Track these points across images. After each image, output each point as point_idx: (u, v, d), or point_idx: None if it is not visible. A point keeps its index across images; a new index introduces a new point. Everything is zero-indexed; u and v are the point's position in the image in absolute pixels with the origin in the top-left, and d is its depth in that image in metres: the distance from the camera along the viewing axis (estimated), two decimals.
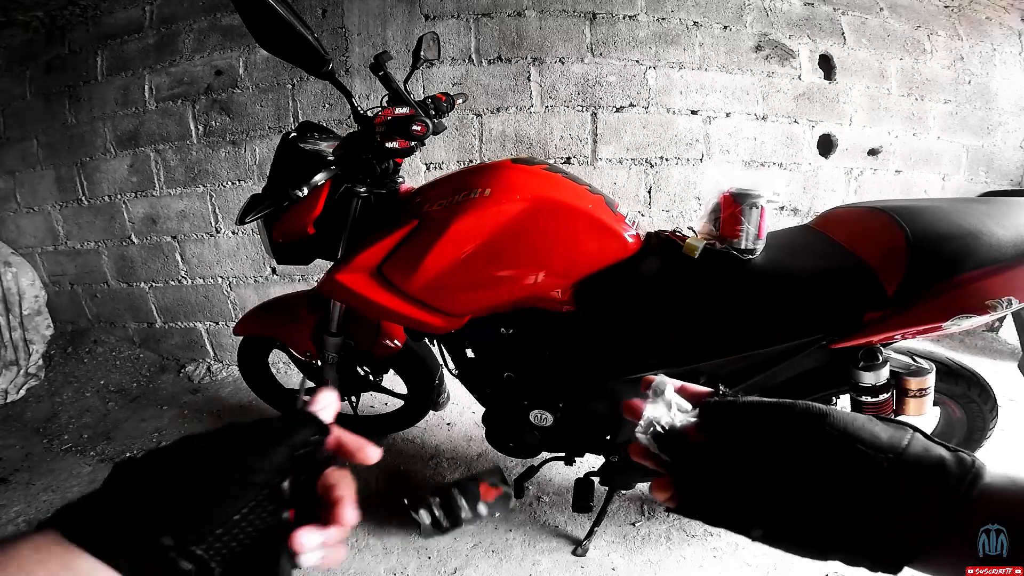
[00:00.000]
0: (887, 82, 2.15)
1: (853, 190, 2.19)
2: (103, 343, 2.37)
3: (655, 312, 0.97)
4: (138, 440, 1.75)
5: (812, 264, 0.94)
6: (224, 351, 2.27)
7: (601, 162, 1.98)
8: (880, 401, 0.95)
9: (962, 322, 0.84)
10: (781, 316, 0.93)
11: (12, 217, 2.38)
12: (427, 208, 0.98)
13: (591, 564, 1.19)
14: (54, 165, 2.24)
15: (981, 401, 1.08)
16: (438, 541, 1.26)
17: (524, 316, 1.05)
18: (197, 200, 2.10)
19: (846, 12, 2.11)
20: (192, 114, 2.05)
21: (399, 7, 1.92)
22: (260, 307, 1.44)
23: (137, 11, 2.08)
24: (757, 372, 0.99)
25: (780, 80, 2.03)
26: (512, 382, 1.13)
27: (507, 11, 1.91)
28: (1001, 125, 2.34)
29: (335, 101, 1.96)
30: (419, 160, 1.99)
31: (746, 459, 0.29)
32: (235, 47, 2.00)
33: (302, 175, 0.97)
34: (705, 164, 2.02)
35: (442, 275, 0.96)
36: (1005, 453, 1.48)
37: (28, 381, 2.15)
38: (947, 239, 0.83)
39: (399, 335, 1.34)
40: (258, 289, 2.16)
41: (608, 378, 1.04)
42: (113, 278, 2.30)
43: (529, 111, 1.94)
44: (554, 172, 1.00)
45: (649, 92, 1.95)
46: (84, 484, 1.53)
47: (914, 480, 0.26)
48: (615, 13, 1.92)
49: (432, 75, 1.93)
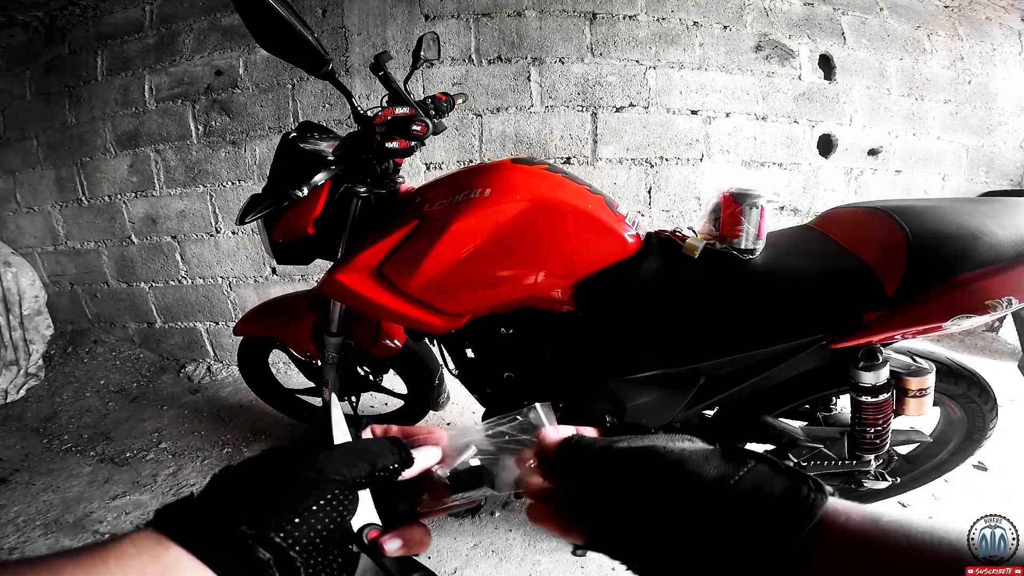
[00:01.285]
0: (887, 82, 2.15)
1: (853, 190, 2.19)
2: (103, 343, 2.37)
3: (655, 312, 0.97)
4: (138, 440, 1.75)
5: (812, 264, 0.94)
6: (224, 351, 2.27)
7: (601, 162, 1.98)
8: (880, 401, 0.95)
9: (962, 322, 0.84)
10: (781, 316, 0.93)
11: (12, 217, 2.38)
12: (427, 208, 0.98)
13: (591, 564, 1.19)
14: (54, 165, 2.24)
15: (981, 401, 1.07)
16: (438, 541, 1.26)
17: (524, 316, 1.05)
18: (197, 200, 2.10)
19: (846, 12, 2.11)
20: (192, 114, 2.05)
21: (399, 7, 1.92)
22: (260, 307, 1.44)
23: (137, 11, 2.08)
24: (757, 372, 0.99)
25: (780, 80, 2.03)
26: (512, 382, 1.13)
27: (507, 11, 1.91)
28: (1001, 125, 2.34)
29: (335, 101, 1.96)
30: (419, 160, 1.99)
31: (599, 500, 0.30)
32: (235, 47, 2.00)
33: (302, 175, 0.97)
34: (705, 164, 2.02)
35: (442, 275, 0.96)
36: (1005, 453, 1.48)
37: (28, 381, 2.15)
38: (947, 239, 0.83)
39: (399, 335, 1.34)
40: (258, 289, 2.16)
41: (608, 378, 1.04)
42: (113, 278, 2.30)
43: (529, 111, 1.94)
44: (554, 172, 1.00)
45: (649, 92, 1.95)
46: (84, 484, 1.53)
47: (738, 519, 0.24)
48: (615, 13, 1.92)
49: (432, 75, 1.93)
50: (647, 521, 0.27)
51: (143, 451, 1.68)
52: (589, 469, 0.31)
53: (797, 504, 0.23)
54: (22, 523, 1.38)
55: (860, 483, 1.09)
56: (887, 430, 0.99)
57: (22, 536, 1.33)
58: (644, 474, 0.29)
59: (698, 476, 0.27)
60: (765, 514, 0.24)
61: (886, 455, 1.05)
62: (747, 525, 0.24)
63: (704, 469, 0.27)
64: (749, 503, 0.25)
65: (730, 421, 1.11)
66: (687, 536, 0.26)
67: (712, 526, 0.25)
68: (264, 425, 1.79)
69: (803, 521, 0.23)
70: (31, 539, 1.32)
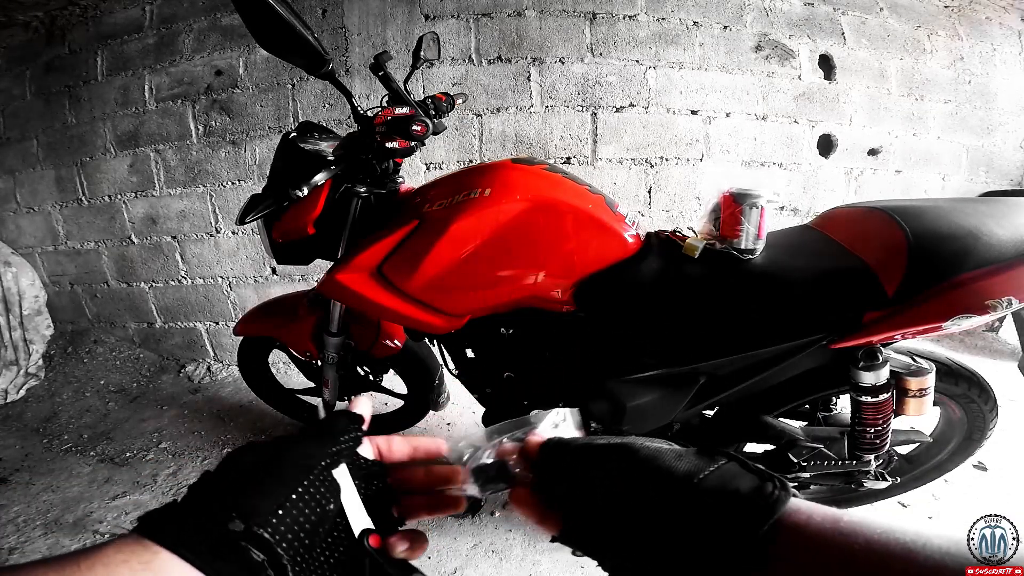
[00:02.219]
0: (887, 82, 2.15)
1: (853, 190, 2.19)
2: (103, 343, 2.37)
3: (655, 312, 0.97)
4: (138, 440, 1.75)
5: (812, 264, 0.94)
6: (224, 351, 2.27)
7: (601, 162, 1.98)
8: (880, 401, 0.95)
9: (962, 322, 0.84)
10: (781, 316, 0.93)
11: (12, 217, 2.38)
12: (427, 208, 0.98)
13: (591, 564, 1.19)
14: (54, 165, 2.24)
15: (981, 401, 1.07)
16: (438, 541, 1.26)
17: (524, 316, 1.05)
18: (197, 200, 2.10)
19: (846, 12, 2.11)
20: (192, 114, 2.05)
21: (399, 7, 1.92)
22: (260, 307, 1.44)
23: (137, 11, 2.08)
24: (757, 372, 0.99)
25: (780, 80, 2.03)
26: (512, 382, 1.13)
27: (507, 11, 1.91)
28: (1001, 125, 2.34)
29: (335, 101, 1.96)
30: (419, 160, 1.99)
31: (589, 496, 0.31)
32: (235, 47, 2.00)
33: (302, 175, 0.97)
34: (705, 164, 2.02)
35: (442, 275, 0.96)
36: (1005, 453, 1.48)
37: (28, 381, 2.15)
38: (947, 239, 0.83)
39: (399, 335, 1.34)
40: (258, 289, 2.16)
41: (608, 378, 1.04)
42: (113, 278, 2.30)
43: (529, 111, 1.94)
44: (554, 172, 1.00)
45: (649, 92, 1.95)
46: (84, 484, 1.53)
47: (702, 513, 0.25)
48: (615, 13, 1.92)
49: (432, 75, 1.93)
50: (619, 512, 0.28)
51: (143, 451, 1.69)
52: (568, 465, 0.32)
53: (762, 499, 0.24)
54: (22, 523, 1.38)
55: (860, 483, 1.09)
56: (887, 430, 0.99)
57: (22, 536, 1.33)
58: (619, 465, 0.30)
59: (669, 470, 0.28)
60: (729, 507, 0.25)
61: (886, 455, 1.05)
62: (712, 516, 0.25)
63: (676, 465, 0.28)
64: (715, 496, 0.26)
65: (730, 421, 1.11)
66: (656, 527, 0.26)
67: (679, 517, 0.26)
68: (264, 425, 1.79)
69: (766, 515, 0.24)
70: (31, 539, 1.32)
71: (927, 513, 1.30)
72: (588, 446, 0.32)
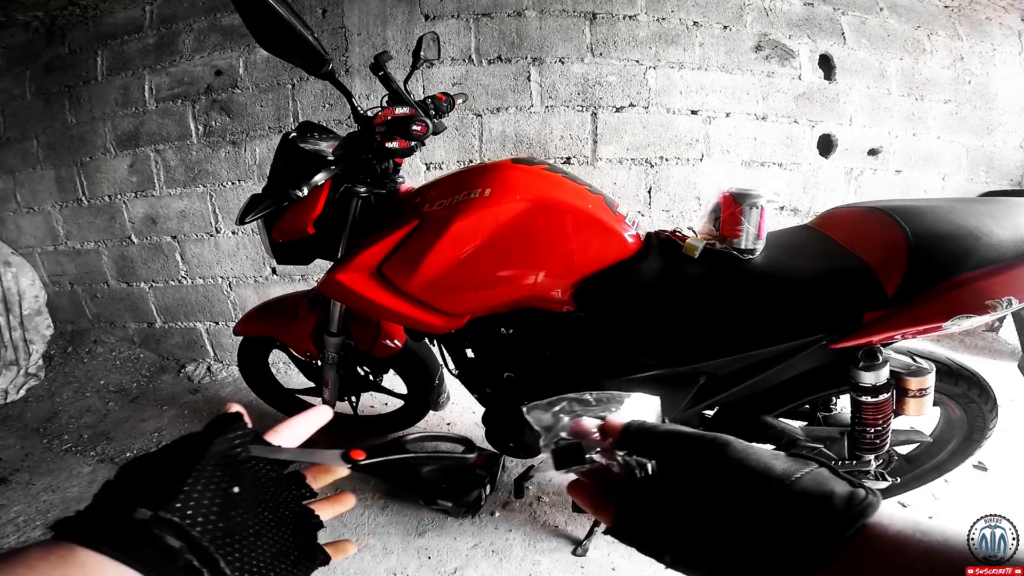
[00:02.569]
0: (887, 82, 2.15)
1: (853, 190, 2.19)
2: (103, 343, 2.37)
3: (655, 312, 0.97)
4: (138, 440, 1.75)
5: (812, 264, 0.94)
6: (224, 351, 2.27)
7: (601, 162, 1.98)
8: (880, 401, 0.95)
9: (962, 322, 0.84)
10: (781, 316, 0.93)
11: (12, 217, 2.38)
12: (427, 208, 0.98)
13: (591, 564, 1.19)
14: (54, 165, 2.24)
15: (981, 401, 1.07)
16: (438, 541, 1.26)
17: (524, 316, 1.05)
18: (197, 200, 2.10)
19: (846, 12, 2.11)
20: (192, 114, 2.05)
21: (399, 7, 1.92)
22: (260, 307, 1.44)
23: (137, 11, 2.08)
24: (757, 372, 0.99)
25: (780, 80, 2.03)
26: (512, 382, 1.13)
27: (507, 11, 1.91)
28: (1001, 125, 2.34)
29: (335, 101, 1.96)
30: (419, 160, 1.99)
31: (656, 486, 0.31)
32: (235, 47, 2.00)
33: (302, 175, 0.97)
34: (705, 164, 2.02)
35: (442, 275, 0.96)
36: (1005, 453, 1.48)
37: (28, 381, 2.15)
38: (947, 239, 0.83)
39: (399, 335, 1.34)
40: (258, 289, 2.16)
41: (608, 378, 1.04)
42: (113, 278, 2.30)
43: (529, 111, 1.94)
44: (554, 172, 1.00)
45: (649, 92, 1.95)
46: (84, 484, 1.53)
47: (796, 511, 0.26)
48: (615, 13, 1.92)
49: (432, 75, 1.93)
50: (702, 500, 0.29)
51: (143, 451, 1.68)
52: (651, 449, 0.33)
53: (857, 503, 0.26)
54: (22, 523, 1.38)
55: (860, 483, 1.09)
56: (887, 430, 0.99)
57: (22, 536, 1.34)
58: (710, 457, 0.30)
59: (767, 468, 0.28)
60: (824, 507, 0.26)
61: (886, 455, 1.05)
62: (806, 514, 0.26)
63: (773, 463, 0.29)
64: (810, 497, 0.26)
65: (730, 421, 1.11)
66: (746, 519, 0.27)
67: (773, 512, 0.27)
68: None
69: (858, 517, 0.25)
70: (31, 539, 1.32)
71: (927, 513, 1.30)
72: (676, 433, 0.32)
